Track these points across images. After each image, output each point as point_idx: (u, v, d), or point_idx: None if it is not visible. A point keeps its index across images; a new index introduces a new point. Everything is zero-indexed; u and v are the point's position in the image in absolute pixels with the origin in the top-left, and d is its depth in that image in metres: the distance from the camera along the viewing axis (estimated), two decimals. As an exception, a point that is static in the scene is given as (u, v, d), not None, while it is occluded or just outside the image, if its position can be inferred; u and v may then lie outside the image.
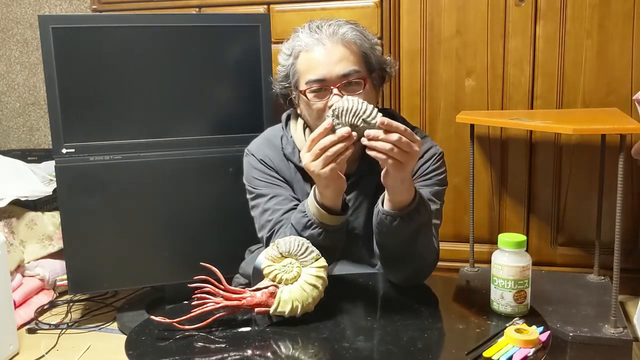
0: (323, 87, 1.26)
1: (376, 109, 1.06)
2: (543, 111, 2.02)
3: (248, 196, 1.41)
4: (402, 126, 1.03)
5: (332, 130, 1.07)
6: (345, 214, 1.21)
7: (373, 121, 1.04)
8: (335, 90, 1.24)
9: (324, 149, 1.07)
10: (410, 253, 1.18)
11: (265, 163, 1.38)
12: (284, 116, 1.43)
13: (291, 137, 1.38)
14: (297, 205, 1.29)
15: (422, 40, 2.12)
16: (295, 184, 1.37)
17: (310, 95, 1.27)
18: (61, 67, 1.80)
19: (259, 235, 1.36)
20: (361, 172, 1.34)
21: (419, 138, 1.05)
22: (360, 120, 1.05)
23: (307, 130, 1.36)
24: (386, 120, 1.03)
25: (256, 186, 1.38)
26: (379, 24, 2.09)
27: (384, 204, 1.14)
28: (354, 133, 1.05)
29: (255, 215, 1.38)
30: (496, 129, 2.12)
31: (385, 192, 1.13)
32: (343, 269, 1.35)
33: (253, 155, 1.40)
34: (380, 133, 1.02)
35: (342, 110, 1.06)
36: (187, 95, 1.92)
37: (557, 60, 2.02)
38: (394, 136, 1.02)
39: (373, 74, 1.32)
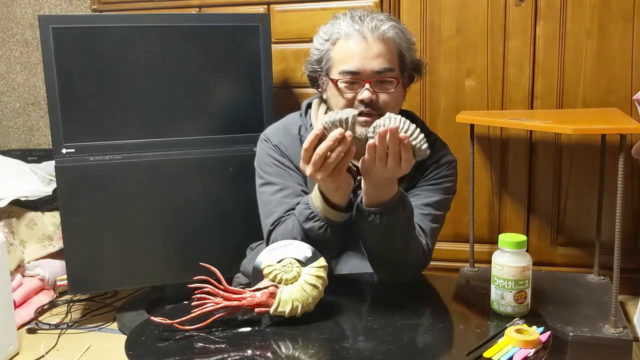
0: (356, 79, 1.24)
1: (422, 134, 1.04)
2: (543, 111, 2.02)
3: (257, 181, 1.39)
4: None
5: (324, 136, 1.05)
6: (351, 211, 1.19)
7: (417, 145, 1.04)
8: (367, 85, 1.23)
9: (323, 156, 1.06)
10: (389, 248, 1.19)
11: (280, 150, 1.36)
12: (304, 104, 1.42)
13: (311, 125, 1.36)
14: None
15: (422, 40, 2.12)
16: None
17: (341, 86, 1.26)
18: (61, 67, 1.80)
19: (264, 222, 1.34)
20: None
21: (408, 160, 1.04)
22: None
23: None
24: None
25: (267, 172, 1.36)
26: (379, 24, 2.08)
27: (362, 199, 1.14)
28: (348, 133, 1.04)
29: (261, 202, 1.36)
30: (496, 129, 2.11)
31: (363, 185, 1.13)
32: (349, 261, 1.35)
33: (269, 141, 1.38)
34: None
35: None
36: (187, 95, 1.92)
37: (557, 60, 2.02)
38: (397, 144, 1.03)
39: (405, 73, 1.31)
